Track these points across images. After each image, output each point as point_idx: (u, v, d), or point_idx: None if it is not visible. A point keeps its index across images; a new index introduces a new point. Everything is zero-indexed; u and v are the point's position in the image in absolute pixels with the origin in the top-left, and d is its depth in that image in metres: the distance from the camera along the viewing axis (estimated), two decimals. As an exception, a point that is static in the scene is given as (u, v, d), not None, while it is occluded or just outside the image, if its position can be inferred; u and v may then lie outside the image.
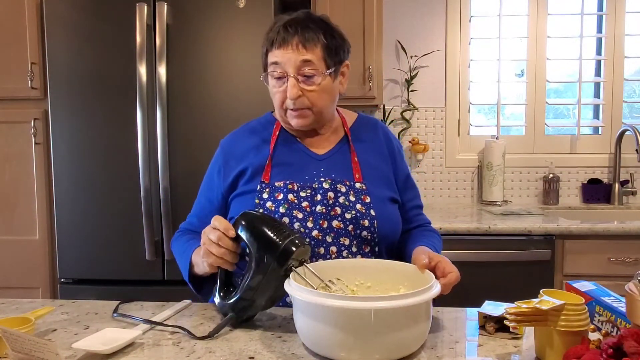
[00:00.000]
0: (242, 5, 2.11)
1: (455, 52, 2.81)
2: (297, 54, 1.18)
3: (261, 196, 1.22)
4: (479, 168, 2.83)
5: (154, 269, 2.19)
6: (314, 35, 1.20)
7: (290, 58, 1.18)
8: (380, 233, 1.22)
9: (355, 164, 1.28)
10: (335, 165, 1.28)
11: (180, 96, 2.15)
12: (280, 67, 1.20)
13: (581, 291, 1.02)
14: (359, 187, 1.25)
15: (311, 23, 1.21)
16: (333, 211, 1.20)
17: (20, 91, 2.32)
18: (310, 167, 1.27)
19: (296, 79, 1.19)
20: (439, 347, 0.95)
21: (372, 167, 1.30)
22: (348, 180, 1.25)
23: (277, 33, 1.20)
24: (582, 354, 0.78)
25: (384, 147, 1.35)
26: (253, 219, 1.05)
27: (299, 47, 1.18)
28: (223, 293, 1.10)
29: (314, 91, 1.21)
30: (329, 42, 1.22)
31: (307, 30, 1.20)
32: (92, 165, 2.19)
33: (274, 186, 1.23)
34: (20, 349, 0.84)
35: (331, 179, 1.24)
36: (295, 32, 1.19)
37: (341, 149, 1.31)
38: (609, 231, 2.10)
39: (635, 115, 2.86)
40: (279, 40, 1.19)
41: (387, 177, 1.31)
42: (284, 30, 1.20)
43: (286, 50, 1.18)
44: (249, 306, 1.04)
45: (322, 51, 1.21)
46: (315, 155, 1.29)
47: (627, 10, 2.72)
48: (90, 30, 2.16)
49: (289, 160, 1.28)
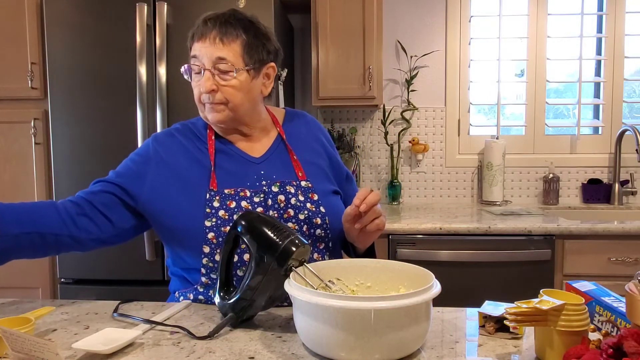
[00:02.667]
0: (242, 6, 2.11)
1: (455, 52, 2.81)
2: (214, 49, 1.17)
3: (212, 204, 1.18)
4: (479, 168, 2.83)
5: (154, 269, 2.19)
6: (232, 31, 1.19)
7: (207, 52, 1.18)
8: (332, 228, 1.23)
9: (296, 162, 1.27)
10: (274, 166, 1.26)
11: (180, 96, 2.15)
12: (199, 61, 1.19)
13: (581, 291, 1.02)
14: (305, 186, 1.24)
15: (233, 20, 1.20)
16: (286, 214, 1.20)
17: (20, 91, 2.32)
18: (249, 171, 1.24)
19: (211, 72, 1.18)
20: (439, 347, 0.95)
21: (310, 163, 1.30)
22: (294, 180, 1.24)
23: (197, 27, 1.22)
24: (582, 354, 0.78)
25: (317, 141, 1.35)
26: (253, 219, 1.04)
27: (216, 41, 1.18)
28: (223, 293, 1.10)
29: (228, 87, 1.19)
30: (249, 39, 1.20)
31: (227, 25, 1.19)
32: (92, 165, 2.19)
33: (224, 194, 1.19)
34: (20, 349, 0.84)
35: (279, 181, 1.23)
36: (214, 26, 1.19)
37: (278, 149, 1.29)
38: (609, 231, 2.10)
39: (635, 115, 2.86)
40: (198, 33, 1.20)
41: (325, 171, 1.32)
42: (204, 24, 1.20)
43: (204, 43, 1.18)
44: (249, 306, 1.04)
45: (240, 47, 1.19)
46: (252, 159, 1.26)
47: (627, 10, 2.72)
48: (90, 30, 2.16)
49: (228, 166, 1.24)
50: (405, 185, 2.86)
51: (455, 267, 2.13)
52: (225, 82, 1.18)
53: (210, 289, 1.21)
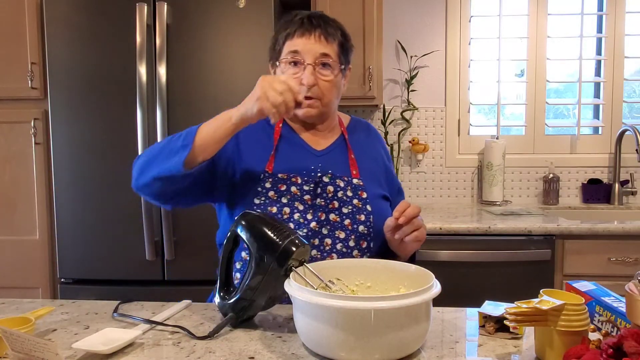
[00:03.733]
0: (242, 5, 2.11)
1: (455, 52, 2.81)
2: (319, 45, 1.23)
3: (264, 185, 1.24)
4: (479, 168, 2.83)
5: (154, 269, 2.19)
6: (333, 32, 1.26)
7: (311, 48, 1.22)
8: (375, 229, 1.25)
9: (353, 161, 1.33)
10: (333, 161, 1.31)
11: (180, 96, 2.15)
12: (299, 55, 1.23)
13: (581, 291, 1.02)
14: (356, 183, 1.29)
15: (330, 21, 1.28)
16: (331, 204, 1.24)
17: (20, 91, 2.32)
18: (309, 161, 1.29)
19: (314, 67, 1.23)
20: (439, 347, 0.95)
21: (367, 165, 1.35)
22: (346, 176, 1.29)
23: (299, 24, 1.25)
24: (582, 354, 0.78)
25: (376, 148, 1.42)
26: (253, 219, 1.04)
27: (321, 38, 1.23)
28: (223, 293, 1.10)
29: (327, 82, 1.25)
30: (344, 41, 1.29)
31: (329, 25, 1.26)
32: (92, 165, 2.19)
33: (277, 177, 1.25)
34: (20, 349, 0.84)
35: (331, 173, 1.27)
36: (318, 25, 1.24)
37: (339, 147, 1.35)
38: (609, 231, 2.10)
39: (635, 115, 2.86)
40: (301, 30, 1.24)
41: (379, 176, 1.37)
42: (308, 21, 1.24)
43: (308, 39, 1.23)
44: (249, 306, 1.04)
45: (338, 47, 1.27)
46: (314, 151, 1.32)
47: (627, 10, 2.72)
48: (90, 30, 2.16)
49: (289, 153, 1.30)
50: (405, 185, 2.86)
51: (455, 267, 2.13)
52: (325, 78, 1.25)
53: None
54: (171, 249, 2.15)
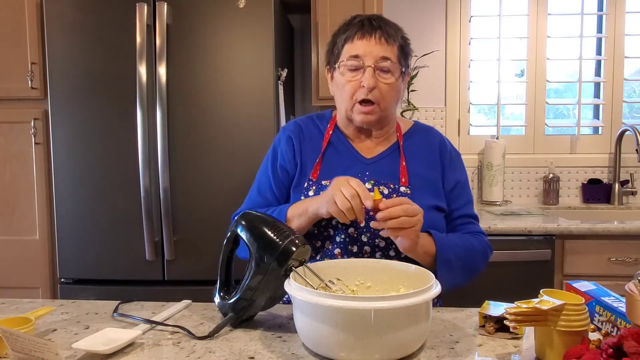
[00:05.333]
0: (242, 5, 2.11)
1: (455, 52, 2.81)
2: (379, 48, 1.20)
3: (307, 194, 1.23)
4: (479, 168, 2.83)
5: (154, 269, 2.18)
6: (394, 34, 1.23)
7: (372, 50, 1.20)
8: None
9: (403, 169, 1.27)
10: (382, 169, 1.27)
11: (180, 96, 2.15)
12: (359, 59, 1.21)
13: (581, 291, 1.02)
14: (403, 191, 1.23)
15: (390, 23, 1.26)
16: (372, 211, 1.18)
17: (20, 91, 2.32)
18: (355, 169, 1.26)
19: (374, 69, 1.20)
20: (439, 347, 0.95)
21: (421, 174, 1.28)
22: (392, 183, 1.24)
23: (359, 26, 1.22)
24: (582, 354, 0.78)
25: (436, 153, 1.32)
26: (253, 219, 1.04)
27: (382, 40, 1.21)
28: (223, 293, 1.10)
29: (387, 84, 1.22)
30: (403, 44, 1.26)
31: (389, 27, 1.23)
32: (92, 165, 2.19)
33: (321, 184, 1.24)
34: (20, 349, 0.84)
35: (375, 180, 1.24)
36: (379, 26, 1.22)
37: (391, 155, 1.30)
38: (609, 231, 2.10)
39: (635, 115, 2.86)
40: (361, 32, 1.21)
41: (435, 185, 1.29)
42: (368, 23, 1.22)
43: (368, 41, 1.20)
44: (249, 306, 1.04)
45: (398, 50, 1.24)
46: (363, 159, 1.29)
47: (627, 10, 2.72)
48: (90, 30, 2.16)
49: (336, 161, 1.28)
50: (405, 185, 2.86)
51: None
52: (385, 81, 1.22)
53: None
54: (171, 249, 2.15)
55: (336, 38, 1.27)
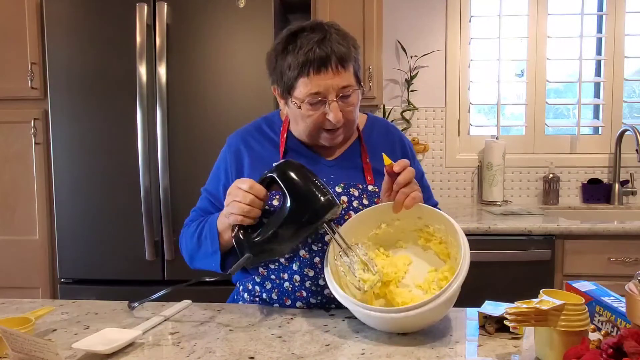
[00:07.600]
0: (242, 5, 2.11)
1: (455, 52, 2.81)
2: (338, 79, 1.12)
3: (271, 202, 1.18)
4: (479, 168, 2.83)
5: (154, 269, 2.19)
6: (345, 52, 1.12)
7: (332, 84, 1.11)
8: None
9: (367, 165, 1.26)
10: (345, 169, 1.25)
11: (180, 96, 2.15)
12: (320, 95, 1.13)
13: (581, 291, 1.02)
14: (372, 190, 1.23)
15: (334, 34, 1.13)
16: (347, 215, 1.17)
17: (20, 91, 2.32)
18: (320, 174, 1.19)
19: (337, 102, 1.14)
20: (439, 347, 0.95)
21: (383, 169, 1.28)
22: (360, 184, 1.23)
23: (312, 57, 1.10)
24: (582, 354, 0.78)
25: (396, 147, 1.32)
26: (298, 168, 1.06)
27: (338, 69, 1.11)
28: (244, 230, 1.10)
29: (352, 108, 1.17)
30: (356, 56, 1.17)
31: (338, 44, 1.12)
32: (92, 165, 2.19)
33: None
34: (20, 349, 0.84)
35: (344, 183, 1.22)
36: (331, 51, 1.10)
37: (352, 152, 1.28)
38: (609, 231, 2.10)
39: (635, 115, 2.86)
40: (316, 64, 1.10)
41: None
42: (319, 49, 1.10)
43: (326, 74, 1.11)
44: (270, 251, 1.07)
45: (353, 70, 1.16)
46: (324, 162, 1.26)
47: (627, 10, 2.72)
48: (90, 30, 2.16)
49: None
50: (405, 185, 2.85)
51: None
52: (348, 107, 1.16)
53: (266, 280, 1.21)
54: (171, 249, 2.15)
55: (282, 61, 1.15)
